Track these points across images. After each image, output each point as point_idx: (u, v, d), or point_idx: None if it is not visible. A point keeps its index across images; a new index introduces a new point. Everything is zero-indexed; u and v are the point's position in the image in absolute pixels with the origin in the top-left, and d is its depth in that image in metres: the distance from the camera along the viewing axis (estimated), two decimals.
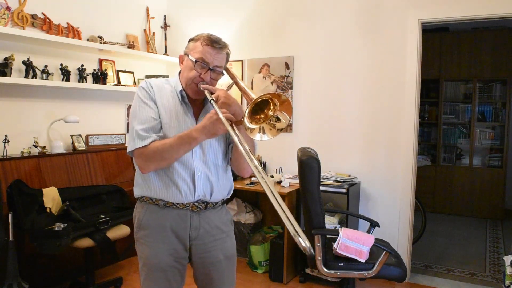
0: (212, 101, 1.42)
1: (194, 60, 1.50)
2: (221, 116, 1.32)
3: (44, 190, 2.78)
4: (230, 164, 1.66)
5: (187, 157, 1.51)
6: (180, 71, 1.60)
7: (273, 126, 1.35)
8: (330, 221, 3.16)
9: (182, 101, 1.56)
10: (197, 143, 1.45)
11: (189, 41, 1.57)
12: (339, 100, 3.56)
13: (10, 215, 2.51)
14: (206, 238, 1.58)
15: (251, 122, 1.31)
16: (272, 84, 3.87)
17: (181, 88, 1.56)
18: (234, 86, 1.61)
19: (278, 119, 1.35)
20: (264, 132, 1.34)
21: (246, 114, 1.27)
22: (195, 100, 1.59)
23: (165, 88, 1.57)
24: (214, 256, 1.60)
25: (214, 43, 1.50)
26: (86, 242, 2.65)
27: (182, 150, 1.45)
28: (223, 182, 1.62)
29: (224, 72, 1.60)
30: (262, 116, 1.34)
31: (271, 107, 1.33)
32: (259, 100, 1.29)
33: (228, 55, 1.58)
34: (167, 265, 1.54)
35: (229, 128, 1.30)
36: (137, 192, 1.61)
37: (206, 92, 1.48)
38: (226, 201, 1.72)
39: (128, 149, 1.53)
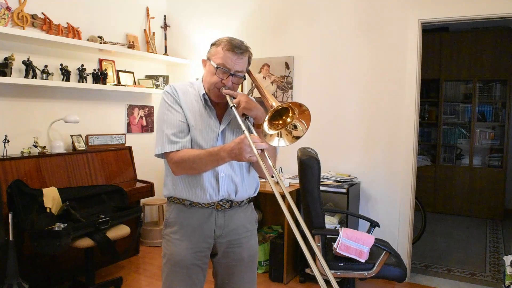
0: (233, 107, 1.46)
1: (215, 66, 1.53)
2: (253, 148, 1.29)
3: (44, 190, 2.78)
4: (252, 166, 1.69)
5: None
6: (203, 74, 1.64)
7: (289, 133, 1.38)
8: (330, 221, 3.16)
9: (205, 104, 1.60)
10: (224, 162, 1.47)
11: (211, 45, 1.60)
12: (339, 100, 3.56)
13: (10, 215, 2.51)
14: (231, 236, 1.62)
15: (270, 128, 1.35)
16: (272, 84, 3.87)
17: (204, 92, 1.59)
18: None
19: (295, 127, 1.38)
20: (281, 137, 1.38)
21: (266, 120, 1.31)
22: (218, 102, 1.62)
23: (189, 92, 1.61)
24: (238, 253, 1.64)
25: (235, 48, 1.52)
26: (86, 242, 2.65)
27: (210, 165, 1.49)
28: (248, 181, 1.65)
29: (246, 74, 1.64)
30: (281, 122, 1.38)
31: (290, 115, 1.37)
32: (279, 108, 1.32)
33: (250, 58, 1.61)
34: (190, 262, 1.58)
35: (259, 159, 1.30)
36: (165, 192, 1.66)
37: (227, 97, 1.51)
38: (253, 200, 1.76)
39: (157, 152, 1.57)
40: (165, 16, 4.44)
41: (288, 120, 1.37)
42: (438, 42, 5.37)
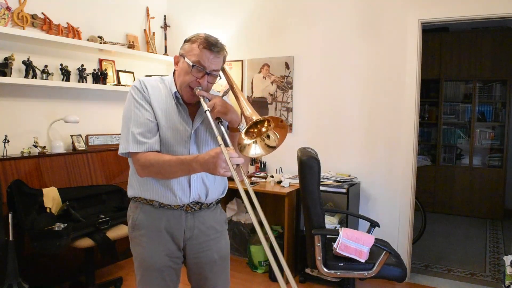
0: (207, 111, 1.39)
1: (190, 64, 1.44)
2: (229, 164, 1.22)
3: (44, 190, 2.78)
4: None
5: None
6: (175, 71, 1.56)
7: (262, 140, 1.35)
8: (330, 221, 3.16)
9: (177, 102, 1.52)
10: (195, 173, 1.42)
11: (185, 41, 1.52)
12: (339, 100, 3.56)
13: (10, 215, 2.51)
14: (201, 238, 1.58)
15: (246, 137, 1.32)
16: (272, 84, 3.87)
17: (176, 90, 1.52)
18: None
19: (268, 136, 1.35)
20: (256, 144, 1.35)
21: (243, 133, 1.28)
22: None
23: (159, 88, 1.53)
24: (209, 256, 1.60)
25: (212, 46, 1.44)
26: (86, 242, 2.65)
27: (180, 174, 1.42)
28: (219, 183, 1.61)
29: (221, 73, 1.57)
30: (256, 130, 1.34)
31: (265, 125, 1.34)
32: (258, 120, 1.30)
33: (225, 57, 1.53)
34: (163, 265, 1.54)
35: (234, 175, 1.23)
36: (131, 192, 1.59)
37: (201, 99, 1.44)
38: (227, 201, 1.73)
39: (121, 150, 1.50)
40: (165, 16, 4.44)
41: (263, 129, 1.34)
42: (438, 42, 5.37)
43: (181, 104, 1.53)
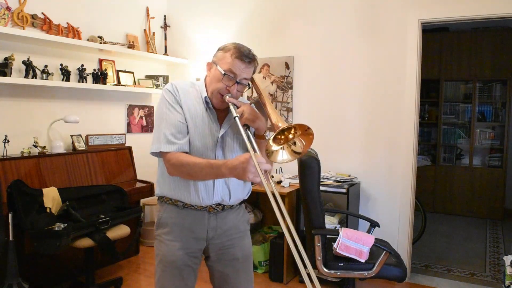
0: (236, 117, 1.44)
1: (222, 72, 1.50)
2: (258, 170, 1.26)
3: (44, 190, 2.78)
4: None
5: None
6: (206, 76, 1.62)
7: (289, 147, 1.39)
8: (330, 221, 3.16)
9: (207, 106, 1.57)
10: (224, 177, 1.46)
11: (218, 50, 1.57)
12: (339, 100, 3.56)
13: (10, 215, 2.51)
14: (223, 238, 1.62)
15: (274, 144, 1.35)
16: (272, 84, 3.87)
17: (206, 95, 1.57)
18: None
19: (294, 143, 1.39)
20: (283, 150, 1.38)
21: (271, 139, 1.31)
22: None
23: (190, 93, 1.58)
24: (232, 254, 1.63)
25: (244, 56, 1.50)
26: (86, 242, 2.65)
27: (209, 177, 1.46)
28: (242, 186, 1.64)
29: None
30: (283, 137, 1.38)
31: (292, 132, 1.38)
32: (285, 127, 1.34)
33: (255, 67, 1.58)
34: (183, 263, 1.57)
35: (264, 181, 1.26)
36: (158, 191, 1.64)
37: (231, 106, 1.49)
38: (247, 200, 1.75)
39: (152, 149, 1.54)
40: (165, 16, 4.43)
41: (290, 136, 1.38)
42: (438, 42, 5.37)
43: (211, 109, 1.58)
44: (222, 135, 1.57)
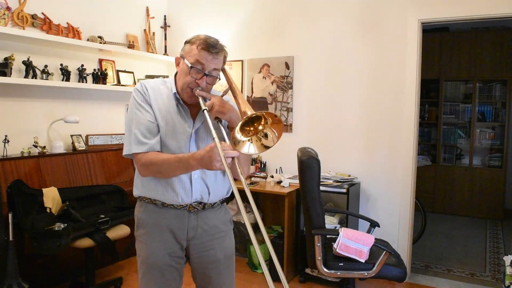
0: (205, 110, 1.41)
1: (189, 65, 1.46)
2: (222, 157, 1.25)
3: (44, 190, 2.78)
4: None
5: None
6: (176, 72, 1.59)
7: (259, 140, 1.35)
8: (330, 221, 3.16)
9: (178, 103, 1.54)
10: (194, 170, 1.44)
11: (185, 43, 1.53)
12: (339, 100, 3.56)
13: (10, 215, 2.50)
14: (204, 238, 1.59)
15: (241, 134, 1.32)
16: (272, 84, 3.87)
17: (175, 91, 1.54)
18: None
19: (266, 135, 1.35)
20: (251, 143, 1.35)
21: (238, 127, 1.28)
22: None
23: (161, 90, 1.55)
24: (213, 255, 1.61)
25: (211, 47, 1.45)
26: (86, 242, 2.65)
27: (179, 172, 1.45)
28: (221, 182, 1.61)
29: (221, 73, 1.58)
30: (252, 129, 1.34)
31: (262, 123, 1.34)
32: (253, 115, 1.30)
33: (225, 57, 1.54)
34: (164, 264, 1.55)
35: (227, 169, 1.26)
36: (136, 192, 1.63)
37: (200, 99, 1.46)
38: (226, 200, 1.72)
39: (124, 152, 1.54)
40: (165, 16, 4.44)
41: (260, 127, 1.34)
42: (438, 42, 5.37)
43: (182, 105, 1.55)
44: (196, 130, 1.54)
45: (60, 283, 3.06)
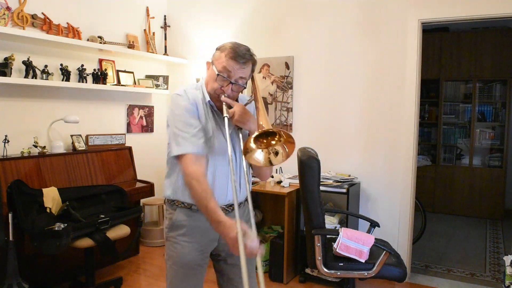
0: (226, 117, 1.46)
1: (216, 72, 1.51)
2: (241, 250, 1.23)
3: (44, 190, 2.78)
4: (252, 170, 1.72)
5: (224, 167, 1.57)
6: (206, 76, 1.63)
7: (268, 154, 1.39)
8: (330, 221, 3.16)
9: (212, 109, 1.60)
10: (211, 224, 1.45)
11: (216, 49, 1.57)
12: (339, 100, 3.56)
13: (10, 215, 2.51)
14: None
15: (255, 143, 1.36)
16: (272, 84, 3.87)
17: (209, 99, 1.57)
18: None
19: (276, 153, 1.39)
20: (260, 154, 1.38)
21: (252, 138, 1.33)
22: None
23: (198, 97, 1.58)
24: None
25: (238, 57, 1.49)
26: (86, 242, 2.65)
27: (203, 211, 1.45)
28: (243, 183, 1.66)
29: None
30: (265, 141, 1.39)
31: (276, 139, 1.38)
32: (269, 130, 1.35)
33: (254, 65, 1.57)
34: (196, 263, 1.61)
35: (243, 266, 1.22)
36: (169, 194, 1.63)
37: (224, 106, 1.50)
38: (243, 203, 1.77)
39: (173, 153, 1.50)
40: (165, 16, 4.44)
41: (273, 142, 1.38)
42: (438, 42, 5.37)
43: (216, 111, 1.60)
44: (230, 134, 1.55)
45: (60, 283, 3.06)
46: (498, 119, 5.33)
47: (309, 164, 2.35)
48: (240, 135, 1.49)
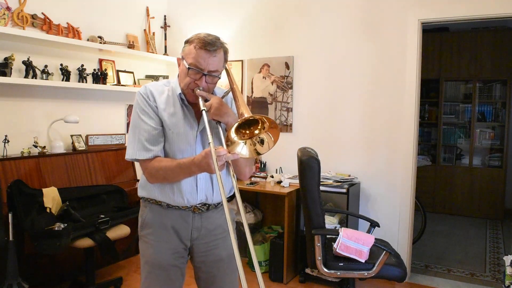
0: (203, 111, 1.41)
1: (187, 66, 1.45)
2: (215, 162, 1.25)
3: (44, 190, 2.78)
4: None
5: None
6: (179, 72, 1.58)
7: (253, 145, 1.33)
8: (330, 221, 3.16)
9: (182, 103, 1.54)
10: (196, 174, 1.47)
11: (184, 42, 1.51)
12: (339, 100, 3.56)
13: (10, 215, 2.51)
14: (208, 238, 1.60)
15: (236, 135, 1.30)
16: (272, 84, 3.87)
17: (180, 92, 1.53)
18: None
19: (261, 141, 1.33)
20: (244, 145, 1.32)
21: (233, 128, 1.26)
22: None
23: (165, 92, 1.55)
24: (216, 254, 1.61)
25: (208, 45, 1.42)
26: (86, 242, 2.65)
27: (182, 176, 1.47)
28: (224, 180, 1.61)
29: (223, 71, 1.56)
30: (248, 132, 1.32)
31: (259, 127, 1.31)
32: (250, 118, 1.28)
33: (226, 54, 1.51)
34: (168, 263, 1.56)
35: (218, 176, 1.26)
36: (141, 193, 1.63)
37: (200, 100, 1.45)
38: (229, 199, 1.72)
39: (128, 156, 1.53)
40: (165, 16, 4.44)
41: (256, 132, 1.32)
42: (438, 42, 5.37)
43: (186, 105, 1.54)
44: (201, 131, 1.54)
45: (60, 283, 3.06)
46: (498, 119, 5.33)
47: (309, 164, 2.35)
48: (220, 129, 1.43)
